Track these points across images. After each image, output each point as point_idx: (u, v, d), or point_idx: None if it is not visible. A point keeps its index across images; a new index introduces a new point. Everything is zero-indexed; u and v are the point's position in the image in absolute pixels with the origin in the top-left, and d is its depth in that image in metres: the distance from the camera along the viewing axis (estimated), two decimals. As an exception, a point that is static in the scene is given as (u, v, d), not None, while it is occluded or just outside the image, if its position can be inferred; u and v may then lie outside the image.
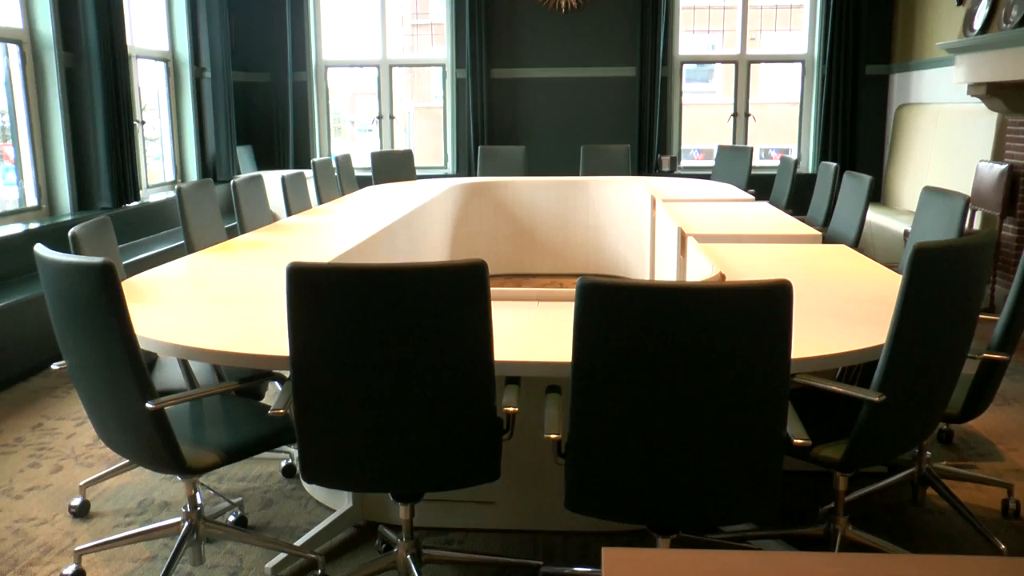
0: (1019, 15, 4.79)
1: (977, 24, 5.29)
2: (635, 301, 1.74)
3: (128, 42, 6.11)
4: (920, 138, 7.09)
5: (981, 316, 2.35)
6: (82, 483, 3.01)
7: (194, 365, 2.84)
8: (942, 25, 6.88)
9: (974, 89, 5.28)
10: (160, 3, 7.20)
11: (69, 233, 2.66)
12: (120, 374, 2.05)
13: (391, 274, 1.83)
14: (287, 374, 2.02)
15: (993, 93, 5.15)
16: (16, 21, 5.38)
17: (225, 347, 2.24)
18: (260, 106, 8.39)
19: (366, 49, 8.62)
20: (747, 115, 8.31)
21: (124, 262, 4.17)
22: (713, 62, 9.68)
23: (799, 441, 1.84)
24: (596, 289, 1.75)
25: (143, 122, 6.80)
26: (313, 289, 1.85)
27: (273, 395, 3.16)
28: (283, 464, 3.24)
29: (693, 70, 9.39)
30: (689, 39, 8.55)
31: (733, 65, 8.35)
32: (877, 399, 2.01)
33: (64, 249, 2.31)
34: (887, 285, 2.92)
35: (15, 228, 5.08)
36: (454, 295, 1.85)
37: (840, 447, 2.17)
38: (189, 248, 3.81)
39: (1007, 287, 5.38)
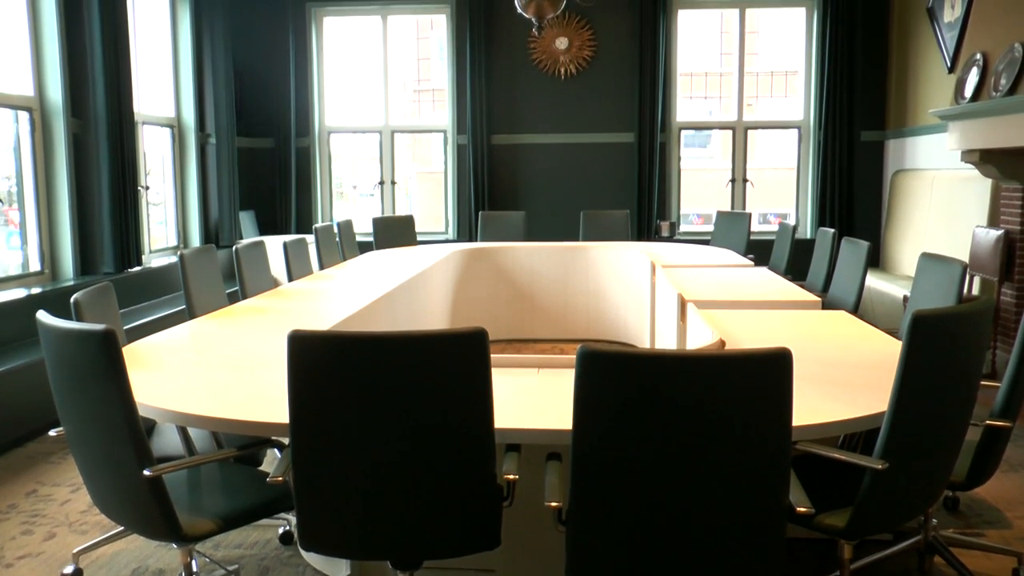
0: (1008, 84, 4.88)
1: (968, 92, 5.39)
2: (635, 369, 1.74)
3: (135, 108, 6.21)
4: (916, 203, 7.16)
5: (983, 382, 2.34)
6: (75, 551, 2.97)
7: (193, 431, 2.83)
8: (934, 92, 7.00)
9: (967, 156, 5.35)
10: (167, 70, 7.33)
11: (71, 299, 2.68)
12: (118, 441, 2.04)
13: (391, 342, 1.84)
14: (286, 441, 2.01)
15: (986, 160, 5.22)
16: (27, 88, 5.48)
17: (224, 414, 2.23)
18: (263, 171, 8.49)
19: (368, 115, 8.76)
20: (745, 181, 8.40)
21: (125, 327, 4.17)
22: (711, 128, 9.84)
23: (802, 509, 1.82)
24: (596, 357, 1.75)
25: (147, 187, 6.88)
26: (314, 357, 1.86)
27: (272, 462, 3.14)
28: (280, 531, 3.20)
29: (691, 136, 9.53)
30: (687, 105, 8.71)
31: (730, 131, 8.47)
32: (880, 467, 1.99)
33: (66, 315, 2.32)
34: (887, 352, 2.92)
35: (17, 293, 5.10)
36: (454, 363, 1.85)
37: (844, 515, 2.14)
38: (190, 314, 3.82)
39: (1008, 352, 5.38)
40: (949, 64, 6.65)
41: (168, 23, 7.35)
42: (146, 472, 2.02)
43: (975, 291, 5.70)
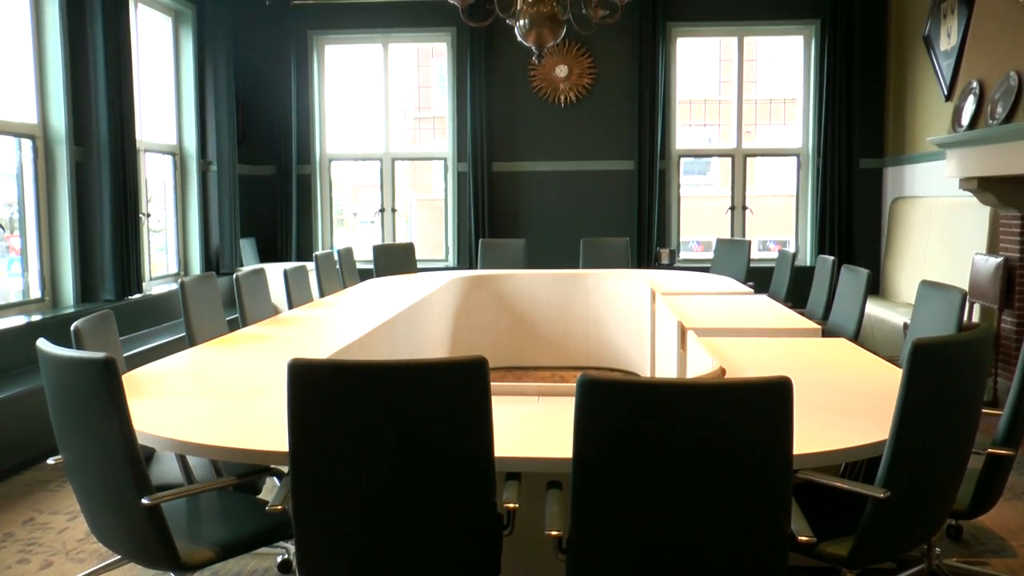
0: (1004, 112, 4.91)
1: (965, 119, 5.42)
2: (635, 398, 1.74)
3: (137, 136, 6.25)
4: (915, 231, 7.18)
5: (984, 410, 2.34)
6: (73, 581, 2.95)
7: (192, 458, 2.82)
8: (931, 120, 7.05)
9: (965, 183, 5.38)
10: (170, 98, 7.39)
11: (72, 327, 2.68)
12: (117, 469, 2.04)
13: (391, 371, 1.84)
14: (285, 469, 2.00)
15: (984, 187, 5.24)
16: (31, 116, 5.52)
17: (223, 442, 2.22)
18: (264, 198, 8.52)
19: (369, 142, 8.81)
20: (744, 208, 8.43)
21: (125, 354, 4.17)
22: (710, 156, 9.89)
23: (803, 538, 1.82)
24: (596, 386, 1.75)
25: (149, 215, 6.90)
26: (314, 385, 1.86)
27: (271, 490, 3.12)
28: (279, 559, 3.18)
29: (690, 163, 9.58)
30: (686, 132, 8.75)
31: (730, 159, 8.51)
32: (882, 495, 1.99)
33: (66, 342, 2.33)
34: (888, 379, 2.92)
35: (17, 320, 5.10)
36: (455, 391, 1.85)
37: (846, 544, 2.13)
38: (190, 341, 3.82)
39: (1009, 379, 5.37)
40: (946, 92, 6.70)
41: (171, 51, 7.41)
42: (144, 500, 2.01)
43: (975, 318, 5.70)
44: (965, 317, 3.31)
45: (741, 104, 8.48)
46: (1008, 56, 5.04)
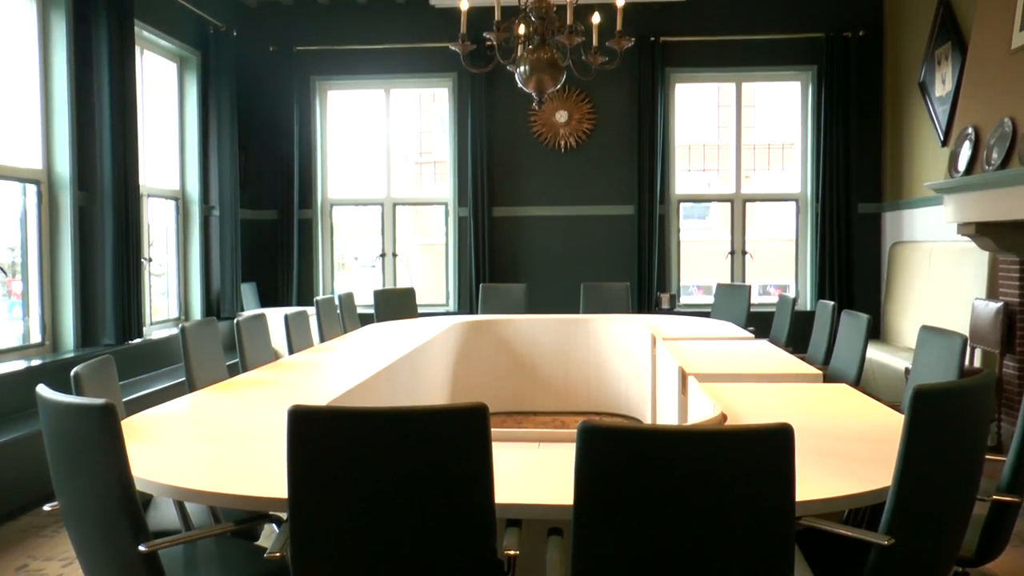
0: (1000, 158, 4.95)
1: (962, 165, 5.45)
2: (636, 445, 1.74)
3: (140, 181, 6.29)
4: (915, 275, 7.19)
5: (988, 456, 2.32)
6: (67, 630, 2.91)
7: (189, 504, 2.80)
8: (928, 165, 7.10)
9: (963, 228, 5.40)
10: (173, 143, 7.45)
11: (72, 373, 2.67)
12: (114, 516, 2.02)
13: (391, 417, 1.83)
14: (284, 516, 1.99)
15: (982, 232, 5.26)
16: (36, 162, 5.57)
17: (221, 488, 2.21)
18: (266, 243, 8.55)
19: (370, 187, 8.87)
20: (744, 252, 8.46)
21: (125, 399, 4.15)
22: (709, 201, 9.94)
23: (807, 588, 1.79)
24: (596, 433, 1.75)
25: (150, 259, 6.92)
26: (314, 432, 1.85)
27: (269, 536, 3.09)
28: (276, 610, 3.13)
29: (690, 207, 9.63)
30: (685, 177, 8.82)
31: (729, 203, 8.56)
32: (886, 542, 1.97)
33: (65, 387, 2.32)
34: (890, 425, 2.90)
35: (17, 365, 5.09)
36: (455, 438, 1.84)
37: (850, 594, 2.11)
38: (190, 387, 3.81)
39: (1012, 424, 5.34)
40: (942, 137, 6.76)
41: (176, 96, 7.50)
42: (141, 547, 1.99)
43: (977, 363, 5.69)
44: (966, 362, 3.30)
45: (740, 149, 8.55)
46: (1002, 102, 5.10)
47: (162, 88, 7.34)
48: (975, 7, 5.78)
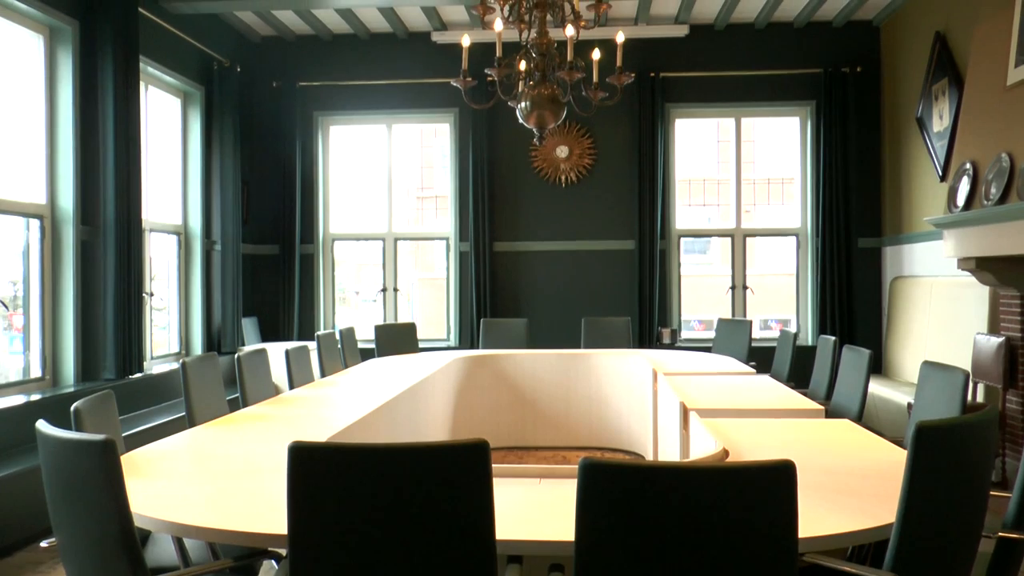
0: (998, 193, 4.97)
1: (960, 200, 5.48)
2: (637, 481, 1.73)
3: (143, 216, 6.32)
4: (916, 310, 7.19)
5: (993, 492, 2.31)
6: (63, 670, 2.87)
7: (188, 540, 2.78)
8: (927, 200, 7.13)
9: (964, 263, 5.41)
10: (176, 178, 7.50)
11: (72, 408, 2.67)
12: (112, 552, 2.01)
13: (392, 454, 1.83)
14: (283, 552, 1.97)
15: (982, 267, 5.27)
16: (40, 197, 5.60)
17: (220, 524, 2.19)
18: (267, 278, 8.57)
19: (372, 222, 8.90)
20: (745, 287, 8.46)
21: (125, 434, 4.14)
22: (710, 236, 9.97)
23: (812, 627, 1.78)
24: (597, 469, 1.74)
25: (152, 294, 6.93)
26: (314, 468, 1.84)
27: (268, 572, 3.07)
28: (274, 649, 3.10)
29: (690, 242, 9.65)
30: (686, 212, 8.85)
31: (729, 238, 8.58)
32: (890, 581, 1.95)
33: (64, 422, 2.32)
34: (893, 461, 2.89)
35: (16, 400, 5.08)
36: (455, 475, 1.84)
37: (855, 633, 2.08)
38: (190, 422, 3.80)
39: (1017, 459, 5.31)
40: (940, 172, 6.79)
41: (179, 131, 7.55)
42: (139, 586, 1.97)
43: (979, 398, 5.67)
44: (969, 397, 3.29)
45: (740, 184, 8.59)
46: (999, 137, 5.14)
47: (166, 123, 7.40)
48: (970, 43, 5.85)
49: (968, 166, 5.45)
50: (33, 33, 5.59)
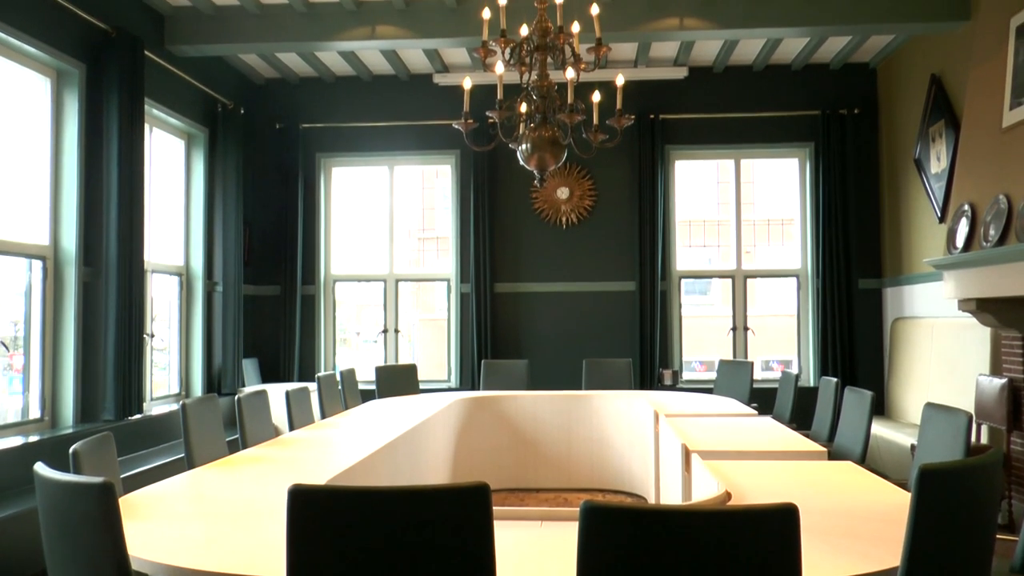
0: (997, 234, 4.99)
1: (960, 241, 5.49)
2: (639, 525, 1.71)
3: (145, 257, 6.34)
4: (918, 351, 7.18)
5: (999, 535, 2.29)
6: None
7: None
8: (927, 241, 7.15)
9: (964, 304, 5.41)
10: (179, 219, 7.53)
11: (70, 450, 2.66)
12: (109, 598, 1.99)
13: (392, 497, 1.82)
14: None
15: (983, 308, 5.27)
16: (43, 238, 5.62)
17: (219, 568, 2.17)
18: (268, 319, 8.57)
19: (373, 263, 8.93)
20: (746, 328, 8.46)
21: (124, 475, 4.12)
22: (710, 277, 10.00)
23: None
24: (599, 512, 1.73)
25: (152, 335, 6.93)
26: (313, 511, 1.83)
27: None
28: None
29: (691, 283, 9.67)
30: (686, 253, 8.86)
31: (730, 279, 8.59)
32: (896, 627, 1.93)
33: (63, 464, 2.31)
34: (897, 503, 2.87)
35: (14, 441, 5.04)
36: (456, 518, 1.82)
37: None
38: (189, 464, 3.78)
39: (1023, 502, 5.27)
40: (939, 214, 6.82)
41: (183, 172, 7.60)
42: (136, 632, 1.95)
43: (984, 439, 5.64)
44: (973, 438, 3.28)
45: (740, 225, 8.62)
46: (996, 179, 5.17)
47: (169, 164, 7.45)
48: (966, 86, 5.90)
49: (967, 207, 5.48)
50: (41, 76, 5.66)
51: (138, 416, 6.09)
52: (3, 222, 5.30)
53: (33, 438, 5.18)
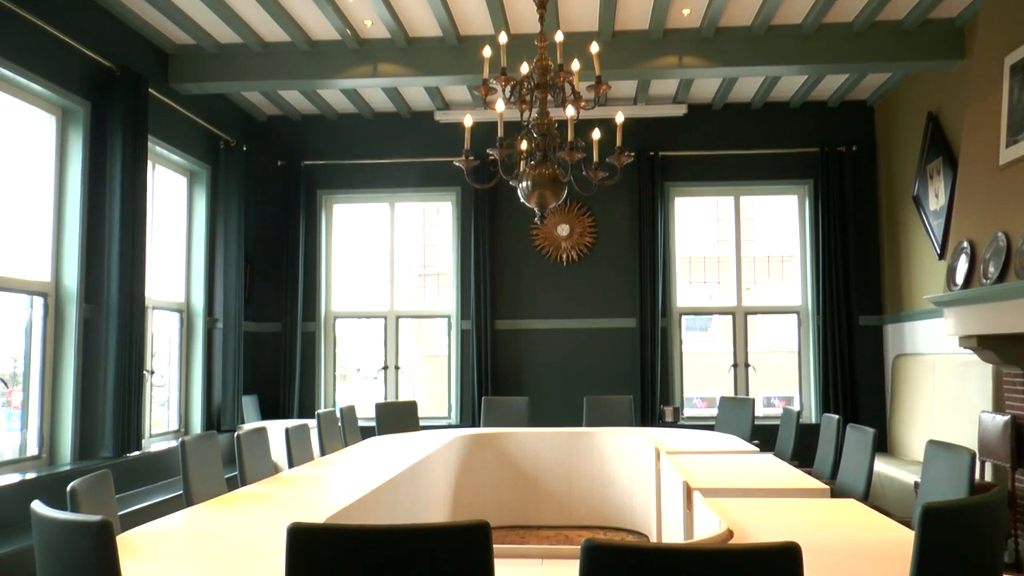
0: (996, 272, 5.00)
1: (959, 278, 5.49)
2: (641, 563, 1.70)
3: (146, 294, 6.34)
4: (919, 388, 7.15)
5: (1006, 574, 2.27)
6: None
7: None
8: (927, 278, 7.16)
9: (965, 341, 5.40)
10: (180, 256, 7.55)
11: (68, 488, 2.64)
12: (105, 639, 1.96)
13: (392, 535, 1.80)
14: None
15: (984, 345, 5.26)
16: (45, 275, 5.63)
17: (217, 609, 2.15)
18: (268, 355, 8.56)
19: (374, 299, 8.93)
20: (747, 365, 8.44)
21: (121, 512, 4.08)
22: (711, 313, 9.99)
23: None
24: (601, 551, 1.71)
25: (152, 371, 6.92)
26: (313, 549, 1.82)
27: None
28: None
29: (692, 319, 9.66)
30: (687, 290, 8.87)
31: (731, 316, 8.59)
32: (902, 669, 1.90)
33: (61, 502, 2.29)
34: (901, 542, 2.84)
35: (11, 479, 5.01)
36: (456, 557, 1.81)
37: None
38: (188, 501, 3.75)
39: (1026, 541, 5.22)
40: (939, 250, 6.83)
41: (184, 209, 7.63)
42: (131, 674, 1.92)
43: (988, 477, 5.60)
44: (977, 475, 3.26)
45: (740, 261, 8.64)
46: (995, 216, 5.19)
47: (171, 200, 7.49)
48: (962, 124, 5.95)
49: (966, 244, 5.49)
50: (46, 113, 5.71)
51: (137, 453, 6.06)
52: (5, 258, 5.31)
53: (31, 475, 5.15)
